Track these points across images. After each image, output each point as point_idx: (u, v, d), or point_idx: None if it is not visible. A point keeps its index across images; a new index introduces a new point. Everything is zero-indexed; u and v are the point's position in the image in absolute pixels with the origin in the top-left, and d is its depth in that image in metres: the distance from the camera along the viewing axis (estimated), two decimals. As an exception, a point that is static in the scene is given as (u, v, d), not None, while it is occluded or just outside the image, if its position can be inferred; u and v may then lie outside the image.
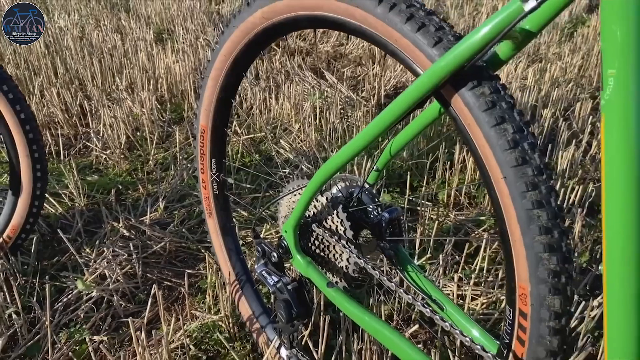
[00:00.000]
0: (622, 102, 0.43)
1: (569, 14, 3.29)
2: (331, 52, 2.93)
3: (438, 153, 1.57)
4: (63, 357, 1.04)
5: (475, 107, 0.53)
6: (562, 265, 0.52)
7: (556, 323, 0.54)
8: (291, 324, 0.82)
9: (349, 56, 2.84)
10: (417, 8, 0.58)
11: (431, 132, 1.74)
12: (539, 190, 0.51)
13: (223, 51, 0.85)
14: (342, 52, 2.91)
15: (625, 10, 0.43)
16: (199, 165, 0.99)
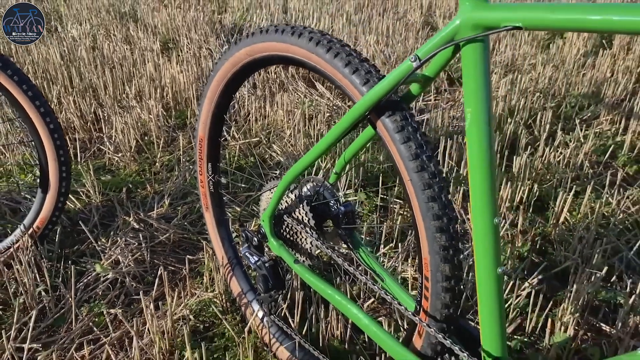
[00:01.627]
0: (476, 129, 0.65)
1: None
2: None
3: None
4: (84, 327, 1.26)
5: (390, 129, 0.75)
6: (450, 242, 0.73)
7: (447, 284, 0.75)
8: (269, 295, 1.03)
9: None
10: (354, 57, 0.79)
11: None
12: (433, 189, 0.73)
13: (216, 77, 1.06)
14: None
15: (477, 67, 0.64)
16: (197, 167, 1.21)
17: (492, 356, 0.71)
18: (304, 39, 0.85)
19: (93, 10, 3.87)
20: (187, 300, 1.31)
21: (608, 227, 1.52)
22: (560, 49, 2.89)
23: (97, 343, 1.21)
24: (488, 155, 0.66)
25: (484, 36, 0.62)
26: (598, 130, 2.06)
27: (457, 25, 0.64)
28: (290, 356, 1.11)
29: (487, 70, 0.65)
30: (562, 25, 0.56)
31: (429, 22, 3.79)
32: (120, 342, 1.21)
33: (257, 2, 4.19)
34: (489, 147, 0.66)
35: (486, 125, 0.65)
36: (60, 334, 1.24)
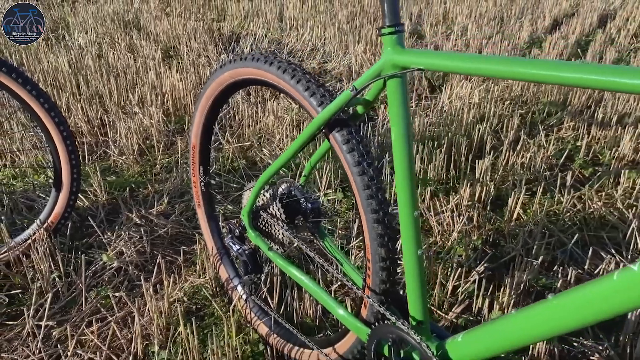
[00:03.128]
0: (399, 143, 0.84)
1: (529, 34, 3.68)
2: (317, 68, 3.34)
3: (383, 161, 1.98)
4: (93, 307, 1.46)
5: (339, 141, 0.94)
6: (385, 231, 0.93)
7: (383, 264, 0.94)
8: (249, 277, 1.23)
9: (332, 72, 3.25)
10: (313, 82, 0.99)
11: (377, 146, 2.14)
12: (371, 189, 0.92)
13: (205, 94, 1.26)
14: (326, 68, 3.32)
15: (398, 96, 0.83)
16: (191, 170, 1.41)
17: (417, 319, 0.91)
18: (274, 66, 1.04)
19: (98, 18, 4.07)
20: (181, 285, 1.50)
21: (557, 222, 1.71)
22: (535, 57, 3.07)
23: (104, 321, 1.41)
24: (408, 163, 0.85)
25: (401, 74, 0.81)
26: (560, 136, 2.25)
27: (382, 64, 0.83)
28: (269, 331, 1.30)
29: (405, 98, 0.84)
30: (452, 70, 0.75)
31: (417, 30, 3.98)
32: (124, 320, 1.41)
33: (254, 11, 4.39)
34: (409, 156, 0.85)
35: (406, 139, 0.84)
36: (72, 313, 1.44)
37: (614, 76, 0.56)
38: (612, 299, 0.58)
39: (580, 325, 0.64)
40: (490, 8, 4.36)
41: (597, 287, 0.60)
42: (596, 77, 0.58)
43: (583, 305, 0.62)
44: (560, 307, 0.66)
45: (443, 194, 1.90)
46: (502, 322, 0.76)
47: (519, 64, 0.67)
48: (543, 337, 0.71)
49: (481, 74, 0.72)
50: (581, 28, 3.74)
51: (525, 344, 0.75)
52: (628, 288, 0.57)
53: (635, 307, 0.57)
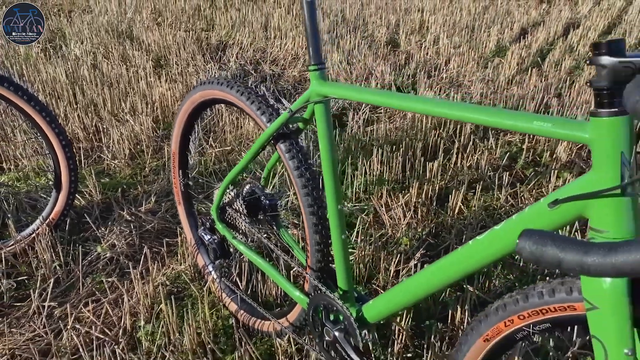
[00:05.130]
0: (325, 153, 1.09)
1: (496, 43, 3.94)
2: (297, 76, 3.59)
3: (346, 163, 2.23)
4: (89, 291, 1.70)
5: (283, 150, 1.19)
6: (319, 221, 1.18)
7: (318, 247, 1.19)
8: (219, 262, 1.48)
9: (310, 80, 3.49)
10: (263, 103, 1.24)
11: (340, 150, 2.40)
12: (308, 188, 1.17)
13: (183, 109, 1.51)
14: (306, 77, 3.57)
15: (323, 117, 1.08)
16: (172, 173, 1.66)
17: (343, 289, 1.16)
18: (234, 89, 1.29)
19: (93, 29, 4.31)
20: (165, 271, 1.75)
21: (493, 216, 1.97)
22: (495, 67, 3.34)
23: (99, 302, 1.65)
24: (333, 167, 1.10)
25: (323, 100, 1.07)
26: (507, 140, 2.51)
27: (310, 92, 1.08)
28: (237, 308, 1.55)
29: (329, 118, 1.09)
30: (358, 100, 1.00)
31: (394, 39, 4.24)
32: (116, 301, 1.66)
33: (241, 21, 4.63)
34: (333, 162, 1.10)
35: (331, 149, 1.10)
36: (71, 296, 1.68)
37: (466, 112, 0.81)
38: (481, 253, 0.82)
39: (460, 276, 0.88)
40: (464, 17, 4.62)
41: (470, 246, 0.84)
42: (455, 113, 0.83)
43: (461, 260, 0.86)
44: (436, 270, 0.92)
45: (399, 192, 2.15)
46: (399, 286, 1.01)
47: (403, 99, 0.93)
48: (426, 295, 0.97)
49: (379, 104, 0.98)
50: (545, 37, 4.00)
51: (416, 301, 1.00)
52: (490, 244, 0.81)
53: (496, 257, 0.81)
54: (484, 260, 0.83)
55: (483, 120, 0.78)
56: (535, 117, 0.73)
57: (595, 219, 0.67)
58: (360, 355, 1.09)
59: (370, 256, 1.74)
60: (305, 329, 1.36)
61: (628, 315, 0.65)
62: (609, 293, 0.65)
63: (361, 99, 0.99)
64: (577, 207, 0.69)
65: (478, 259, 0.83)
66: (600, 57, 0.63)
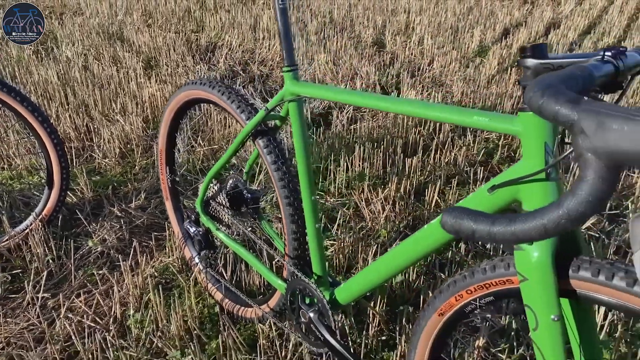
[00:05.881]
0: (299, 149, 1.17)
1: (478, 43, 4.04)
2: (285, 77, 3.67)
3: (329, 160, 2.32)
4: (81, 283, 1.78)
5: (261, 146, 1.28)
6: (294, 211, 1.26)
7: (295, 235, 1.28)
8: (204, 253, 1.56)
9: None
10: (243, 102, 1.32)
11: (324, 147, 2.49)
12: (284, 181, 1.25)
13: (169, 108, 1.59)
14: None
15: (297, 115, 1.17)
16: (159, 170, 1.74)
17: (317, 275, 1.25)
18: (216, 89, 1.38)
19: (84, 31, 4.37)
20: (153, 263, 1.83)
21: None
22: (477, 67, 3.44)
23: (90, 293, 1.73)
24: (307, 161, 1.19)
25: (296, 99, 1.15)
26: (485, 137, 2.61)
27: (284, 92, 1.17)
28: (223, 297, 1.64)
29: (303, 117, 1.18)
30: (328, 99, 1.09)
31: (380, 40, 4.33)
32: (106, 292, 1.73)
33: (230, 22, 4.71)
34: (306, 157, 1.19)
35: (305, 144, 1.18)
36: (64, 288, 1.76)
37: (417, 108, 0.90)
38: (435, 236, 0.91)
39: (409, 262, 0.98)
40: (449, 18, 4.72)
41: (425, 230, 0.92)
42: (408, 109, 0.92)
43: (418, 242, 0.95)
44: (397, 252, 1.01)
45: (379, 187, 2.24)
46: (366, 269, 1.10)
47: (363, 97, 1.02)
48: (390, 275, 1.06)
49: (347, 102, 1.07)
50: (527, 37, 4.11)
51: (381, 282, 1.09)
52: (427, 236, 0.91)
53: (447, 239, 0.90)
54: (437, 242, 0.92)
55: (432, 116, 0.87)
56: (476, 112, 0.82)
57: (525, 202, 0.76)
58: (333, 334, 1.18)
59: (350, 247, 1.82)
60: (285, 314, 1.44)
61: (553, 286, 0.74)
62: (536, 266, 0.74)
63: (328, 97, 1.08)
64: (511, 191, 0.78)
65: (432, 241, 0.92)
66: (526, 59, 0.72)
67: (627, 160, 0.46)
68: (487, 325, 1.48)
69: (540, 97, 0.51)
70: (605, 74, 0.63)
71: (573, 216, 0.50)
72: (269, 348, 1.47)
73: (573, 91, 0.54)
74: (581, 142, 0.48)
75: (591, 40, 4.12)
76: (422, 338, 0.99)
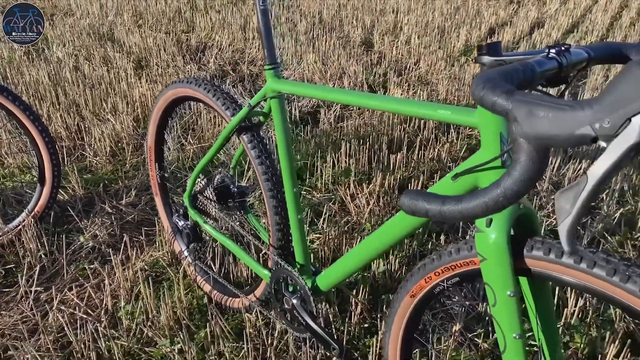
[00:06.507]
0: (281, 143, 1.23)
1: (464, 43, 4.12)
2: (274, 76, 3.72)
3: (316, 157, 2.38)
4: (73, 277, 1.83)
5: (245, 141, 1.33)
6: (278, 203, 1.32)
7: (278, 227, 1.33)
8: (193, 246, 1.62)
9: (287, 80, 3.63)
10: (227, 99, 1.38)
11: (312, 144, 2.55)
12: (267, 174, 1.31)
13: (157, 106, 1.64)
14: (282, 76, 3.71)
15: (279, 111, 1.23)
16: (148, 166, 1.79)
17: (300, 263, 1.31)
18: (202, 87, 1.43)
19: (75, 32, 4.40)
20: (144, 257, 1.88)
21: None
22: (463, 66, 3.51)
23: (82, 286, 1.78)
24: (289, 155, 1.25)
25: (277, 96, 1.21)
26: (468, 134, 2.68)
27: (266, 89, 1.23)
28: (211, 288, 1.69)
29: (284, 112, 1.24)
30: (307, 95, 1.15)
31: (369, 39, 4.40)
32: (98, 285, 1.78)
33: (221, 22, 4.76)
34: (288, 151, 1.25)
35: (286, 139, 1.24)
36: (56, 282, 1.80)
37: (388, 103, 0.97)
38: (406, 222, 0.97)
39: (385, 247, 1.04)
40: (436, 18, 4.80)
41: (397, 217, 0.98)
42: (380, 104, 0.98)
43: (384, 234, 1.02)
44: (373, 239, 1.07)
45: (364, 182, 2.31)
46: (345, 257, 1.16)
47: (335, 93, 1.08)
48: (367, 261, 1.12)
49: (322, 98, 1.13)
50: (512, 36, 4.19)
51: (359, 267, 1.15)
52: (400, 221, 0.97)
53: (417, 223, 0.96)
54: (408, 228, 0.98)
55: (401, 110, 0.94)
56: (440, 106, 0.88)
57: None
58: (314, 319, 1.24)
59: (335, 240, 1.89)
60: (270, 302, 1.50)
61: (509, 265, 0.80)
62: (493, 247, 0.80)
63: (306, 94, 1.14)
64: (472, 178, 0.84)
65: (403, 226, 0.99)
66: (482, 56, 0.79)
67: (552, 142, 0.52)
68: (464, 311, 1.55)
69: (481, 89, 0.58)
70: (548, 69, 0.70)
71: (509, 194, 0.56)
72: (255, 336, 1.53)
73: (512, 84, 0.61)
74: (515, 129, 0.55)
75: (574, 39, 4.21)
76: (395, 319, 1.05)
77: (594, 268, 0.73)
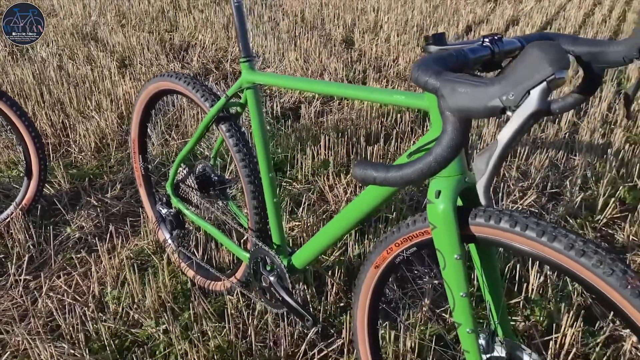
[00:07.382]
0: (257, 133, 1.32)
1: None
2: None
3: (296, 149, 2.47)
4: (60, 266, 1.89)
5: (223, 130, 1.42)
6: (255, 187, 1.41)
7: (256, 210, 1.42)
8: (176, 233, 1.70)
9: (269, 77, 3.72)
10: (206, 91, 1.46)
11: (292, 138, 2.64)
12: (245, 161, 1.39)
13: (140, 99, 1.72)
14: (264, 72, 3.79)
15: (254, 102, 1.32)
16: (132, 159, 1.86)
17: (276, 244, 1.40)
18: (182, 80, 1.51)
19: (59, 32, 4.44)
20: (129, 246, 1.96)
21: (424, 190, 2.24)
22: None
23: (70, 275, 1.85)
24: (264, 142, 1.34)
25: (252, 87, 1.30)
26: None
27: (241, 80, 1.32)
28: (195, 274, 1.77)
29: (259, 103, 1.33)
30: (279, 85, 1.24)
31: (350, 37, 4.50)
32: (85, 273, 1.85)
33: (204, 21, 4.82)
34: (264, 139, 1.34)
35: (261, 128, 1.33)
36: (45, 270, 1.87)
37: (346, 90, 1.06)
38: (371, 195, 1.06)
39: (360, 217, 1.12)
40: (415, 16, 4.92)
41: (365, 192, 1.07)
42: (340, 91, 1.08)
43: (359, 204, 1.10)
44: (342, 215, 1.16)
45: (343, 173, 2.40)
46: (317, 235, 1.25)
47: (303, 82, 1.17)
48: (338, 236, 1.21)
49: (291, 88, 1.22)
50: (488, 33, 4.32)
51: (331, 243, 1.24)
52: (367, 195, 1.07)
53: (383, 197, 1.05)
54: (374, 202, 1.08)
55: (361, 96, 1.03)
56: (395, 92, 0.98)
57: (434, 164, 0.92)
58: (290, 295, 1.33)
59: (313, 227, 1.98)
60: (250, 283, 1.59)
61: (456, 231, 0.90)
62: (442, 215, 0.90)
63: (277, 84, 1.24)
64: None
65: (370, 201, 1.08)
66: (429, 46, 0.89)
67: (471, 114, 0.62)
68: (431, 287, 1.65)
69: (417, 71, 0.67)
70: (481, 56, 0.80)
71: (439, 159, 0.66)
72: (237, 317, 1.62)
73: (445, 68, 0.70)
74: (442, 104, 0.65)
75: (547, 36, 4.36)
76: (362, 290, 1.15)
77: (526, 230, 0.83)
